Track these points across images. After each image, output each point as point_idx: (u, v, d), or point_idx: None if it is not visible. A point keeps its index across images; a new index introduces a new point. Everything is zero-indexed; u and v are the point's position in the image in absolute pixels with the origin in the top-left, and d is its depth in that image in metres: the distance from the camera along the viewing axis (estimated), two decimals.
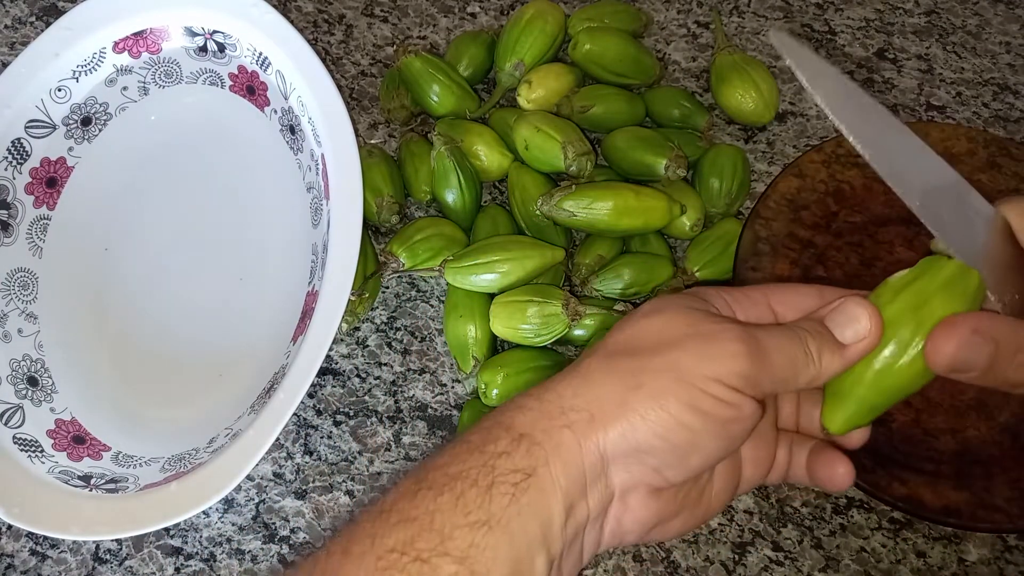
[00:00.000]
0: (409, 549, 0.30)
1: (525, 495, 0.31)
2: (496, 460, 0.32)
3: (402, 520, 0.31)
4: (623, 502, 0.33)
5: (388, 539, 0.30)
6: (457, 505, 0.31)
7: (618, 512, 0.34)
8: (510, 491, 0.31)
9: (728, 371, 0.32)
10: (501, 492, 0.31)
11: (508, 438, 0.32)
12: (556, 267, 0.54)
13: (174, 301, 0.55)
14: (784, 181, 0.54)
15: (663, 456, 0.32)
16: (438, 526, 0.30)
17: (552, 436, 0.32)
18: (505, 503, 0.31)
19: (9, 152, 0.53)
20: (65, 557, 0.49)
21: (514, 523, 0.30)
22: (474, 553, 0.30)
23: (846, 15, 0.68)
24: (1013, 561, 0.48)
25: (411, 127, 0.62)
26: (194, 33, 0.55)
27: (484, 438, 0.33)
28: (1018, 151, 0.54)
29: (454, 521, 0.30)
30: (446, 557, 0.29)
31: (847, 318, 0.34)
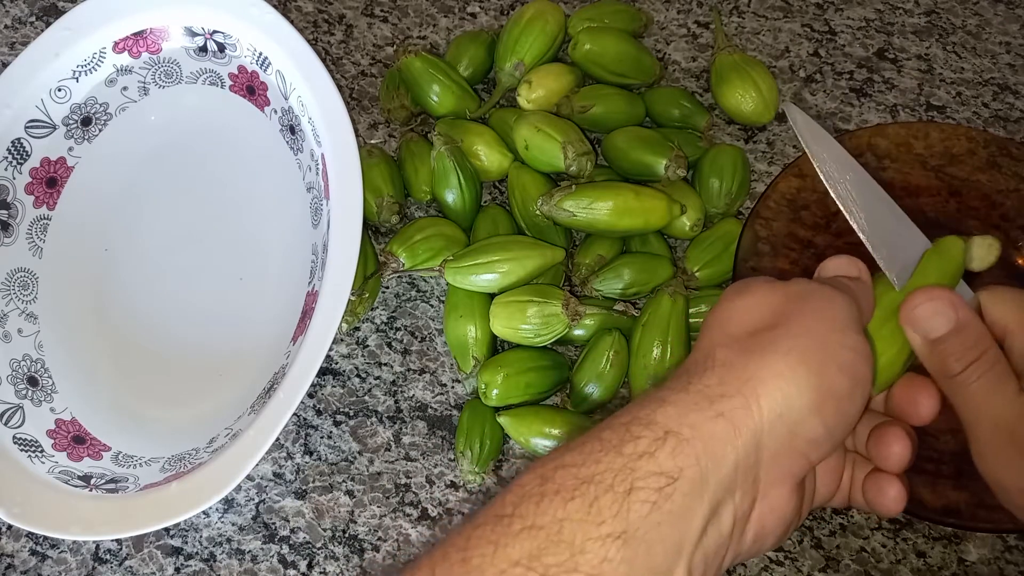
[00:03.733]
0: (536, 564, 0.27)
1: (668, 501, 0.28)
2: (637, 462, 0.29)
3: (526, 528, 0.28)
4: (767, 501, 0.31)
5: (512, 550, 0.27)
6: (590, 513, 0.28)
7: (763, 513, 0.31)
8: (652, 498, 0.28)
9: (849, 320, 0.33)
10: (641, 499, 0.28)
11: (650, 436, 0.29)
12: (556, 267, 0.54)
13: (174, 301, 0.55)
14: (784, 181, 0.54)
15: (815, 432, 0.31)
16: (567, 537, 0.27)
17: (702, 429, 0.29)
18: (645, 512, 0.28)
19: (9, 152, 0.53)
20: (65, 557, 0.49)
21: (652, 534, 0.28)
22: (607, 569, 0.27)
23: (846, 15, 0.68)
24: (1013, 561, 0.48)
25: (411, 127, 0.62)
26: (194, 33, 0.55)
27: (622, 437, 0.30)
28: (1018, 151, 0.54)
29: (585, 532, 0.27)
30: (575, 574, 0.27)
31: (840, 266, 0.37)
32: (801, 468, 0.32)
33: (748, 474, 0.30)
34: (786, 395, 0.30)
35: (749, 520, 0.31)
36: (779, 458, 0.31)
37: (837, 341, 0.32)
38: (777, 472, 0.31)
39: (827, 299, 0.33)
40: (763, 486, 0.31)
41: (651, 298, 0.53)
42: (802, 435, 0.31)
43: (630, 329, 0.53)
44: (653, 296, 0.53)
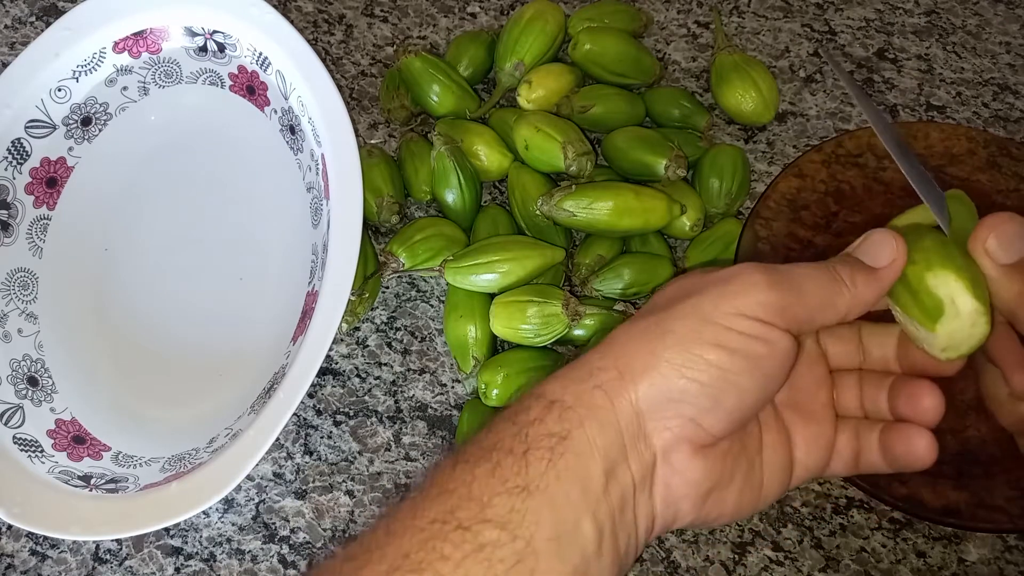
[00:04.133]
0: (450, 518, 0.30)
1: (562, 459, 0.31)
2: (529, 428, 0.31)
3: (441, 492, 0.31)
4: (667, 463, 0.32)
5: (429, 511, 0.30)
6: (495, 474, 0.30)
7: (665, 475, 0.33)
8: (546, 456, 0.31)
9: (751, 302, 0.32)
10: (537, 457, 0.31)
11: (539, 406, 0.32)
12: (556, 267, 0.54)
13: (174, 301, 0.55)
14: (784, 181, 0.54)
15: (696, 400, 0.32)
16: (476, 494, 0.30)
17: (583, 398, 0.32)
18: (542, 468, 0.30)
19: (9, 152, 0.53)
20: (65, 557, 0.49)
21: (553, 487, 0.30)
22: (515, 518, 0.29)
23: (846, 15, 0.68)
24: (1013, 561, 0.48)
25: (411, 127, 0.62)
26: (194, 33, 0.55)
27: (516, 409, 0.33)
28: (1018, 151, 0.54)
29: (492, 489, 0.30)
30: (487, 523, 0.29)
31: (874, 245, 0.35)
32: (694, 434, 0.32)
33: (636, 439, 0.32)
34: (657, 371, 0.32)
35: (655, 483, 0.33)
36: (668, 424, 0.32)
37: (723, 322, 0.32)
38: (667, 437, 0.32)
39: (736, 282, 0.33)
40: (660, 450, 0.32)
41: None
42: (680, 403, 0.32)
43: None
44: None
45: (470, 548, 0.29)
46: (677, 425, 0.32)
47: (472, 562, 0.29)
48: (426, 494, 0.31)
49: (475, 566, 0.29)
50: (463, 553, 0.29)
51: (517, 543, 0.29)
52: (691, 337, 0.32)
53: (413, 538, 0.30)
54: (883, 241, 0.35)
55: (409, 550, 0.29)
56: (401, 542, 0.30)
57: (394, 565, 0.29)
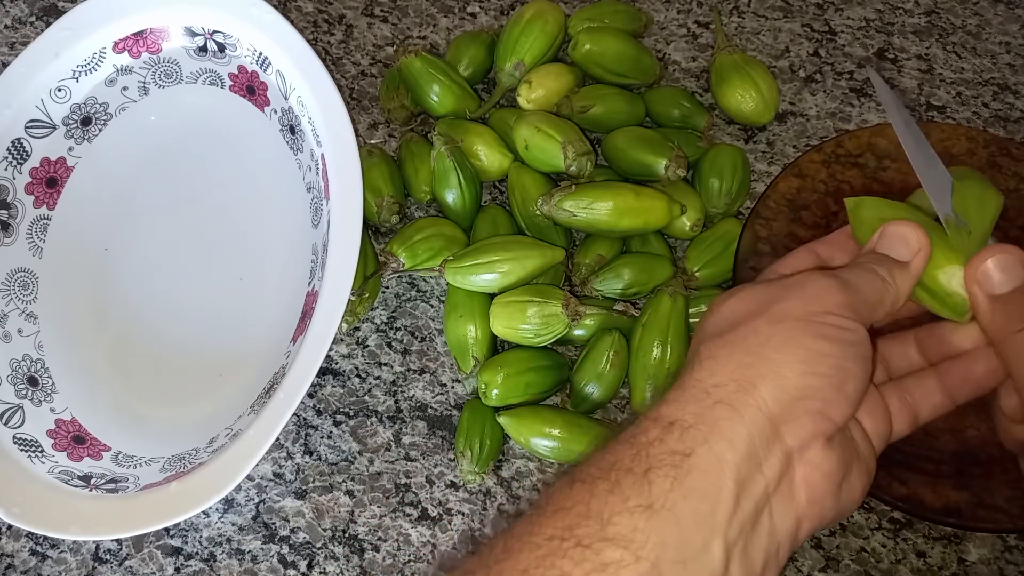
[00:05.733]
0: (569, 535, 0.29)
1: (688, 477, 0.30)
2: (648, 448, 0.31)
3: (558, 510, 0.30)
4: (805, 461, 0.32)
5: (546, 528, 0.29)
6: (614, 492, 0.30)
7: (805, 473, 0.32)
8: (670, 474, 0.30)
9: (832, 303, 0.33)
10: (661, 475, 0.30)
11: (657, 427, 0.31)
12: (556, 267, 0.54)
13: (174, 301, 0.55)
14: (784, 181, 0.54)
15: (822, 392, 0.32)
16: (596, 512, 0.29)
17: (705, 416, 0.31)
18: (667, 487, 0.29)
19: (9, 152, 0.53)
20: (65, 557, 0.49)
21: (679, 506, 0.29)
22: (638, 538, 0.28)
23: (846, 15, 0.68)
24: (1013, 561, 0.48)
25: (411, 127, 0.62)
26: (194, 33, 0.55)
27: (632, 432, 0.32)
28: (1018, 151, 0.54)
29: (613, 507, 0.29)
30: (608, 542, 0.28)
31: (896, 239, 0.37)
32: (825, 427, 0.32)
33: (770, 446, 0.31)
34: (776, 373, 0.32)
35: (794, 483, 0.32)
36: (797, 424, 0.32)
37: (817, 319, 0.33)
38: (802, 435, 0.32)
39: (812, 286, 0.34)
40: (796, 451, 0.32)
41: (651, 298, 0.53)
42: (808, 399, 0.32)
43: (630, 329, 0.53)
44: (653, 296, 0.53)
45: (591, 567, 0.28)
46: (809, 421, 0.32)
47: None
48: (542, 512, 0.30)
49: None
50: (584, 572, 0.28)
51: (641, 565, 0.28)
52: (797, 336, 0.32)
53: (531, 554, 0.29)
54: (904, 234, 0.36)
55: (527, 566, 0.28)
56: (519, 558, 0.29)
57: None
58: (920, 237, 0.36)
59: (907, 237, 0.36)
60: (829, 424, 0.32)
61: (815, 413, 0.32)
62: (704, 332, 0.35)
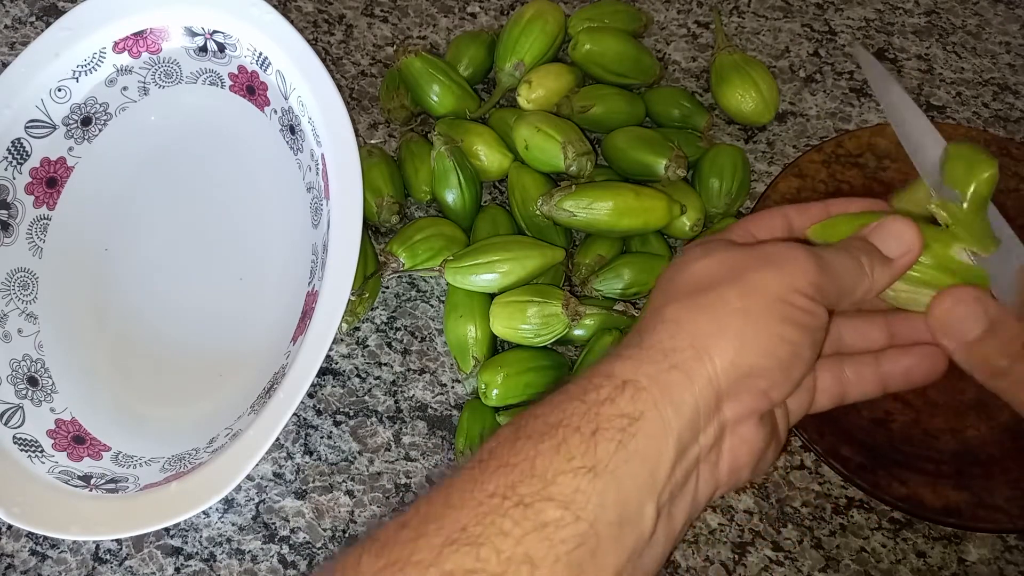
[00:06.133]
0: (511, 493, 0.29)
1: (633, 440, 0.30)
2: (599, 407, 0.31)
3: (502, 466, 0.30)
4: (736, 434, 0.33)
5: (489, 484, 0.29)
6: (559, 451, 0.30)
7: (733, 445, 0.33)
8: (616, 437, 0.30)
9: (805, 282, 0.33)
10: (607, 438, 0.30)
11: (610, 385, 0.31)
12: (556, 267, 0.54)
13: (174, 301, 0.55)
14: (784, 181, 0.54)
15: (771, 375, 0.32)
16: (540, 471, 0.29)
17: (659, 379, 0.31)
18: (612, 449, 0.30)
19: (9, 152, 0.53)
20: (65, 557, 0.49)
21: (621, 469, 0.30)
22: (579, 499, 0.29)
23: (846, 15, 0.68)
24: (1013, 561, 0.48)
25: (411, 127, 0.62)
26: (194, 33, 0.55)
27: (584, 387, 0.32)
28: (1018, 151, 0.54)
29: (557, 467, 0.29)
30: (550, 502, 0.29)
31: (891, 234, 0.36)
32: (763, 405, 0.33)
33: (710, 417, 0.32)
34: (736, 348, 0.32)
35: (721, 454, 0.33)
36: (739, 399, 0.32)
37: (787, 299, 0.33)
38: (740, 410, 0.32)
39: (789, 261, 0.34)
40: (730, 423, 0.33)
41: None
42: (757, 378, 0.32)
43: (630, 329, 0.53)
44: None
45: (531, 525, 0.28)
46: (750, 399, 0.32)
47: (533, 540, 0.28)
48: (485, 466, 0.30)
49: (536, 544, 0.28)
50: (523, 530, 0.28)
51: (580, 524, 0.29)
52: (764, 314, 0.32)
53: (472, 511, 0.29)
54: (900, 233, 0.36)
55: (467, 523, 0.29)
56: (459, 514, 0.29)
57: (451, 537, 0.28)
58: (914, 239, 0.36)
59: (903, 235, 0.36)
60: (767, 403, 0.33)
61: (759, 392, 0.32)
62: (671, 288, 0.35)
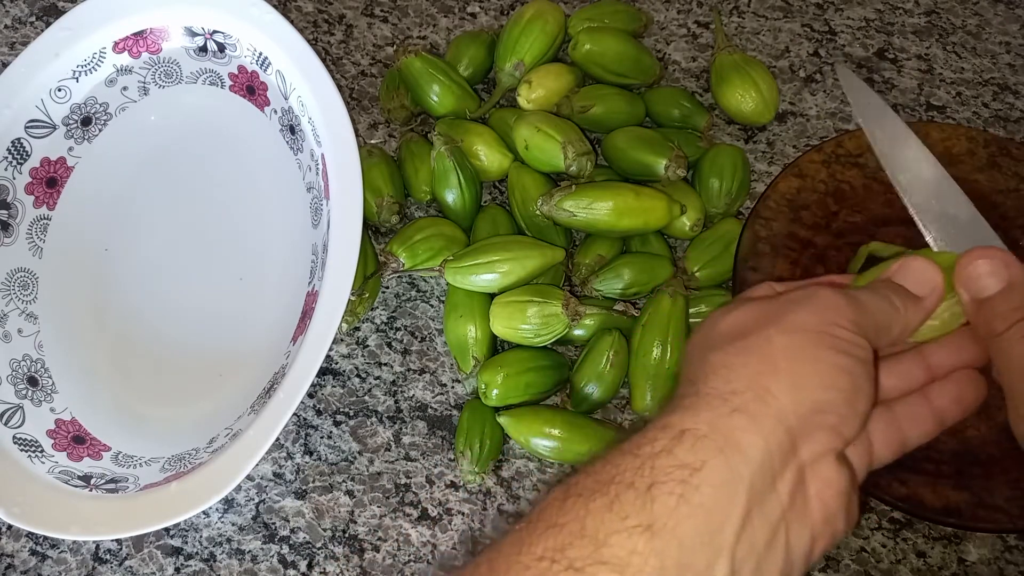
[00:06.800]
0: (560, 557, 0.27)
1: (696, 493, 0.28)
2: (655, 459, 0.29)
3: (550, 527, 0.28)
4: (818, 477, 0.31)
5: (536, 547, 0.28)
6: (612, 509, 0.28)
7: (818, 490, 0.31)
8: (676, 490, 0.28)
9: (842, 318, 0.32)
10: (665, 492, 0.28)
11: (666, 437, 0.29)
12: (556, 267, 0.54)
13: (174, 301, 0.55)
14: (784, 181, 0.54)
15: (838, 408, 0.31)
16: (591, 532, 0.27)
17: (720, 425, 0.29)
18: (671, 504, 0.28)
19: (9, 152, 0.53)
20: (65, 557, 0.49)
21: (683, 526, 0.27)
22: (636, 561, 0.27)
23: (846, 15, 0.68)
24: (1013, 561, 0.48)
25: (411, 127, 0.62)
26: (194, 33, 0.55)
27: (638, 441, 0.30)
28: (1018, 151, 0.54)
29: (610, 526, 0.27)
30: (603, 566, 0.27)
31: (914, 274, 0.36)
32: (838, 443, 0.32)
33: (786, 460, 0.30)
34: (795, 384, 0.31)
35: (808, 500, 0.31)
36: (813, 438, 0.31)
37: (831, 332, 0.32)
38: (817, 449, 0.31)
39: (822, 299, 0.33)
40: (808, 467, 0.31)
41: (651, 298, 0.53)
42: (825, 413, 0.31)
43: (630, 329, 0.53)
44: (653, 296, 0.53)
45: None
46: (824, 436, 0.31)
47: None
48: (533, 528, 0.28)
49: None
50: None
51: None
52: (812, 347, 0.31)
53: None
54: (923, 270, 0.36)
55: None
56: None
57: None
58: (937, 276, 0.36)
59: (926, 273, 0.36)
60: (841, 440, 0.32)
61: (830, 428, 0.31)
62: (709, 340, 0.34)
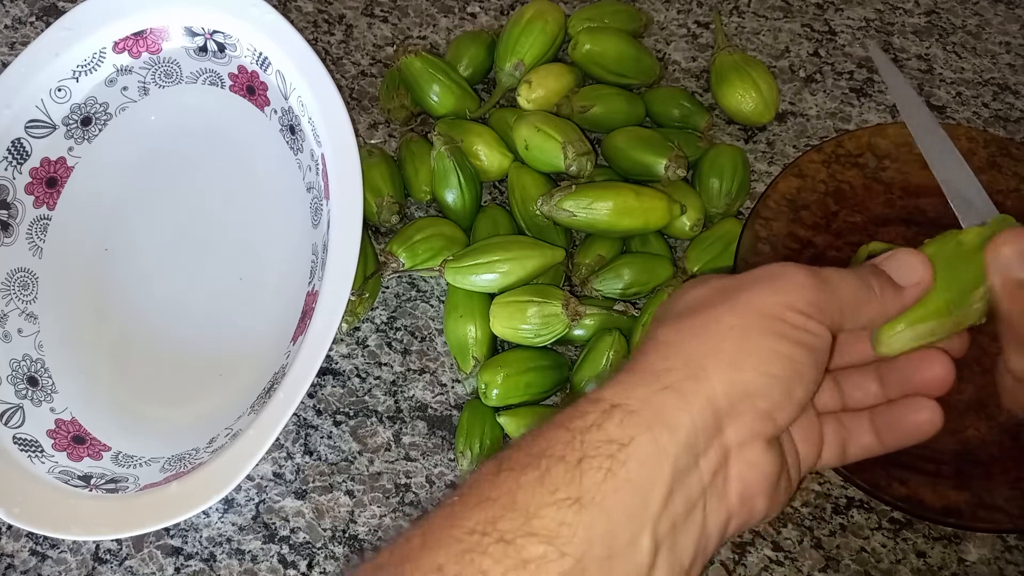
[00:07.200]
0: (491, 529, 0.27)
1: (623, 468, 0.28)
2: (585, 434, 0.29)
3: (482, 501, 0.28)
4: (742, 459, 0.31)
5: (468, 520, 0.28)
6: (543, 482, 0.28)
7: (740, 471, 0.31)
8: (604, 464, 0.28)
9: (800, 299, 0.32)
10: (594, 467, 0.28)
11: (597, 411, 0.30)
12: (556, 267, 0.54)
13: (174, 301, 0.55)
14: (784, 181, 0.54)
15: (772, 394, 0.31)
16: (522, 505, 0.28)
17: (651, 402, 0.30)
18: (599, 478, 0.28)
19: (9, 152, 0.53)
20: (65, 557, 0.49)
21: (610, 499, 0.28)
22: (564, 532, 0.27)
23: (846, 15, 0.68)
24: (1013, 561, 0.48)
25: (411, 127, 0.62)
26: (194, 33, 0.55)
27: (569, 415, 0.30)
28: (1018, 151, 0.54)
29: (540, 499, 0.28)
30: (532, 537, 0.27)
31: (903, 264, 0.36)
32: (768, 428, 0.32)
33: (711, 439, 0.30)
34: (732, 366, 0.31)
35: (728, 480, 0.31)
36: (741, 420, 0.31)
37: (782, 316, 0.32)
38: (744, 432, 0.31)
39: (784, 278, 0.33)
40: (734, 447, 0.31)
41: (651, 298, 0.53)
42: (757, 397, 0.31)
43: (630, 329, 0.53)
44: (653, 296, 0.53)
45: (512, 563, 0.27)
46: (752, 420, 0.31)
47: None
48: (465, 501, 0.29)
49: None
50: (504, 568, 0.27)
51: (565, 561, 0.27)
52: (757, 331, 0.31)
53: (449, 549, 0.27)
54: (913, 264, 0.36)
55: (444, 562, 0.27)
56: (436, 554, 0.27)
57: None
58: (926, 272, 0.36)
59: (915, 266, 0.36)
60: (772, 426, 0.32)
61: (761, 413, 0.31)
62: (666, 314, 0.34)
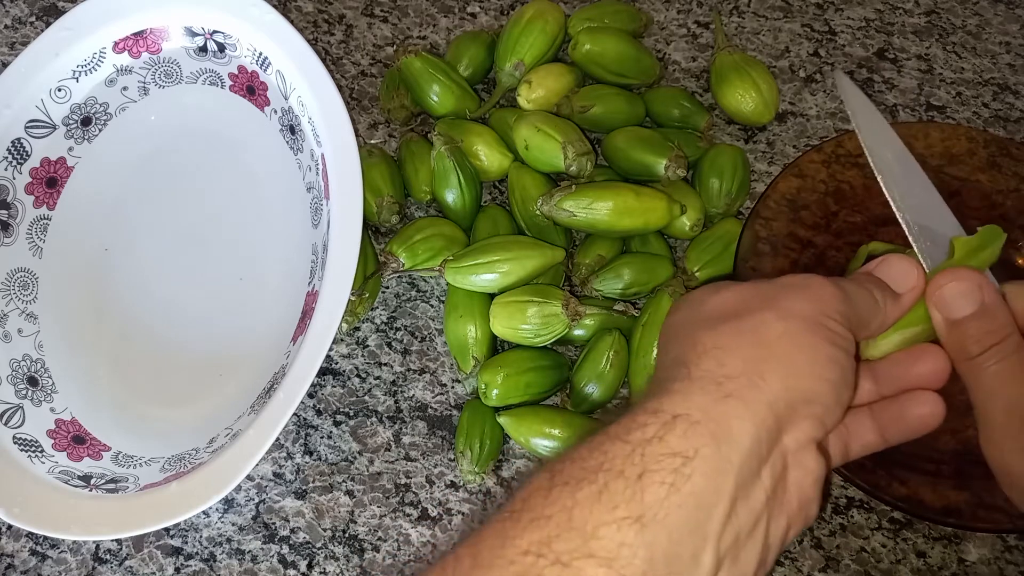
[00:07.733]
0: (546, 551, 0.26)
1: (687, 483, 0.27)
2: (646, 447, 0.28)
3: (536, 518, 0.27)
4: (799, 465, 0.31)
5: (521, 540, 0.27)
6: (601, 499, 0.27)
7: (798, 478, 0.31)
8: (668, 479, 0.27)
9: (834, 310, 0.33)
10: (656, 482, 0.27)
11: (657, 422, 0.28)
12: (556, 267, 0.54)
13: (174, 301, 0.55)
14: (784, 181, 0.54)
15: (825, 399, 0.31)
16: (579, 523, 0.26)
17: (713, 411, 0.29)
18: (662, 494, 0.27)
19: (9, 152, 0.53)
20: (65, 557, 0.49)
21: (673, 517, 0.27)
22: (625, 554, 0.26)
23: (846, 15, 0.68)
24: (1013, 561, 0.48)
25: (411, 127, 0.62)
26: (194, 33, 0.55)
27: (627, 426, 0.29)
28: (1018, 151, 0.54)
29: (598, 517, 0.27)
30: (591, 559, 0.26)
31: (897, 271, 0.36)
32: (820, 433, 0.32)
33: (772, 447, 0.30)
34: (789, 371, 0.31)
35: (787, 487, 0.31)
36: (799, 427, 0.31)
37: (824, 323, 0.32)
38: (802, 438, 0.31)
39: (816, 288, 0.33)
40: (791, 455, 0.31)
41: (651, 298, 0.53)
42: (813, 403, 0.31)
43: (630, 329, 0.53)
44: (653, 296, 0.53)
45: None
46: (809, 425, 0.31)
47: None
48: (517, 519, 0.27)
49: None
50: None
51: None
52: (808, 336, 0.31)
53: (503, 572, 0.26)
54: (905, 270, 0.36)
55: None
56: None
57: None
58: (919, 277, 0.36)
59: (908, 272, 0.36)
60: (823, 430, 0.32)
61: (815, 418, 0.31)
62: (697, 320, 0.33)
